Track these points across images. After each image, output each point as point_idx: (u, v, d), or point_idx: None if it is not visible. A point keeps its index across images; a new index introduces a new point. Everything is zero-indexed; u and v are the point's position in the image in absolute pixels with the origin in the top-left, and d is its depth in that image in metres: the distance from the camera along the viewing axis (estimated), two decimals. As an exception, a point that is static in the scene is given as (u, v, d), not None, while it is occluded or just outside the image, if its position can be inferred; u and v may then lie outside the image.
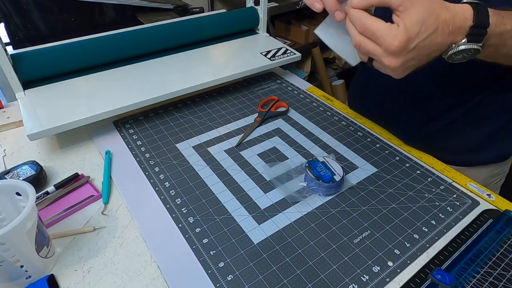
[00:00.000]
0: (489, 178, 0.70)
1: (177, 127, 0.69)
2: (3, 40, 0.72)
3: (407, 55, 0.37)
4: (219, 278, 0.44)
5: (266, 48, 0.86)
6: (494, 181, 0.71)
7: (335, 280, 0.44)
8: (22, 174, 0.55)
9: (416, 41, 0.37)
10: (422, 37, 0.37)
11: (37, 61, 0.69)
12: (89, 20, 1.57)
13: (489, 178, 0.70)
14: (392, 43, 0.36)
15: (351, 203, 0.54)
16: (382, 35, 0.37)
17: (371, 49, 0.39)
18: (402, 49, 0.37)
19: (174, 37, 0.83)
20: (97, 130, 0.67)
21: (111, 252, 0.47)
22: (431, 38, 0.37)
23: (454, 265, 0.45)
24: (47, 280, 0.43)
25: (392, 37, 0.36)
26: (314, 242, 0.48)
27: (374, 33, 0.38)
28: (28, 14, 1.44)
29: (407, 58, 0.38)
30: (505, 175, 0.72)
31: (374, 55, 0.40)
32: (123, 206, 0.54)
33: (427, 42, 0.37)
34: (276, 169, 0.59)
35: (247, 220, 0.51)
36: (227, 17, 0.91)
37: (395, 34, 0.36)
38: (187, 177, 0.58)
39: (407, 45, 0.37)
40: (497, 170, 0.70)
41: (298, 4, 1.78)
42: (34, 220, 0.40)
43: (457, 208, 0.54)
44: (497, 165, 0.69)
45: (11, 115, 0.71)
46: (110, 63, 0.76)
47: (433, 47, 0.38)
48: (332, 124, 0.70)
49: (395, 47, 0.37)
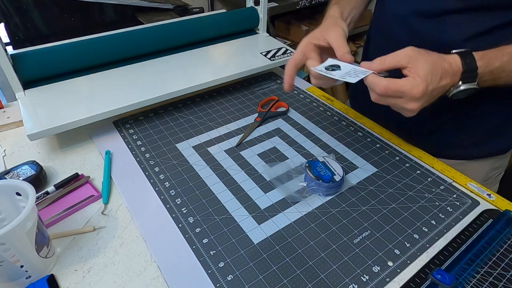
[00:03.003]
0: (491, 172, 0.71)
1: (177, 127, 0.69)
2: (3, 40, 0.72)
3: (425, 98, 0.45)
4: (219, 278, 0.44)
5: (266, 48, 0.86)
6: (495, 175, 0.72)
7: (335, 280, 0.44)
8: (22, 174, 0.55)
9: (431, 86, 0.45)
10: (434, 82, 0.45)
11: (37, 61, 0.69)
12: (89, 20, 1.57)
13: (491, 172, 0.71)
14: (416, 92, 0.44)
15: (351, 203, 0.54)
16: (407, 89, 0.45)
17: (393, 102, 0.47)
18: (424, 94, 0.45)
19: (174, 37, 0.83)
20: (97, 130, 0.67)
21: (111, 252, 0.47)
22: (440, 83, 0.46)
23: (454, 265, 0.45)
24: (47, 280, 0.43)
25: (416, 87, 0.44)
26: (314, 242, 0.48)
27: (398, 90, 0.45)
28: (28, 14, 1.44)
29: (424, 100, 0.46)
30: (505, 168, 0.73)
31: (395, 105, 0.47)
32: (123, 206, 0.54)
33: (437, 86, 0.46)
34: (276, 169, 0.59)
35: (247, 220, 0.51)
36: (227, 17, 0.91)
37: (416, 84, 0.44)
38: (187, 177, 0.58)
39: (427, 90, 0.45)
40: (499, 163, 0.71)
41: (298, 4, 1.78)
42: (34, 220, 0.40)
43: (457, 208, 0.54)
44: (499, 158, 0.70)
45: (11, 115, 0.71)
46: (110, 63, 0.76)
47: (440, 88, 0.47)
48: (332, 124, 0.70)
49: (419, 94, 0.44)
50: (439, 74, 0.46)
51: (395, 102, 0.47)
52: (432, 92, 0.46)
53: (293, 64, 0.55)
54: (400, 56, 0.47)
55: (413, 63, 0.45)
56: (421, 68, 0.45)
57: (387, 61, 0.47)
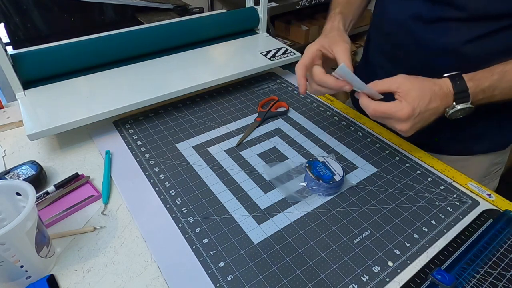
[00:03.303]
0: (491, 167, 0.72)
1: (177, 127, 0.69)
2: (3, 40, 0.72)
3: (413, 120, 0.49)
4: (219, 278, 0.44)
5: (266, 48, 0.86)
6: (495, 170, 0.73)
7: (335, 280, 0.44)
8: (22, 174, 0.55)
9: (419, 109, 0.49)
10: (422, 105, 0.49)
11: (37, 61, 0.69)
12: (89, 20, 1.58)
13: (491, 167, 0.72)
14: (402, 114, 0.49)
15: (351, 203, 0.54)
16: (393, 111, 0.49)
17: (385, 122, 0.52)
18: (410, 117, 0.49)
19: (174, 37, 0.83)
20: (97, 130, 0.67)
21: (111, 252, 0.47)
22: (429, 105, 0.49)
23: (454, 265, 0.45)
24: (47, 280, 0.43)
25: (401, 110, 0.49)
26: (314, 242, 0.48)
27: (385, 112, 0.50)
28: (28, 14, 1.44)
29: (414, 122, 0.50)
30: (504, 163, 0.74)
31: (387, 124, 0.52)
32: (123, 206, 0.54)
33: (425, 109, 0.49)
34: (276, 169, 0.59)
35: (247, 220, 0.51)
36: (227, 17, 0.91)
37: (402, 108, 0.49)
38: (187, 177, 0.58)
39: (413, 113, 0.48)
40: (499, 158, 0.72)
41: (298, 4, 1.78)
42: (34, 220, 0.40)
43: (457, 208, 0.54)
44: (499, 153, 0.71)
45: (11, 115, 0.71)
46: (110, 63, 0.76)
47: (431, 111, 0.50)
48: (332, 124, 0.70)
49: (404, 116, 0.48)
50: (427, 98, 0.49)
51: (386, 122, 0.52)
52: (421, 114, 0.49)
53: (303, 66, 0.56)
54: (391, 82, 0.51)
55: (402, 88, 0.49)
56: (409, 93, 0.49)
57: (378, 85, 0.51)
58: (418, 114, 0.49)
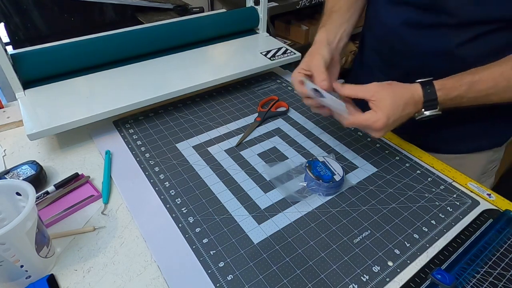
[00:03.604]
0: (488, 164, 0.72)
1: (177, 127, 0.69)
2: (3, 40, 0.72)
3: (388, 127, 0.52)
4: (219, 278, 0.44)
5: (266, 48, 0.86)
6: (492, 167, 0.74)
7: (335, 280, 0.44)
8: (22, 174, 0.55)
9: (392, 118, 0.51)
10: (396, 114, 0.51)
11: (37, 61, 0.69)
12: (89, 20, 1.57)
13: (488, 164, 0.72)
14: (378, 125, 0.51)
15: (351, 203, 0.54)
16: (370, 123, 0.51)
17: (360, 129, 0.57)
18: (385, 126, 0.51)
19: (174, 37, 0.83)
20: (97, 130, 0.67)
21: (111, 252, 0.47)
22: (401, 113, 0.52)
23: (454, 265, 0.45)
24: (47, 280, 0.43)
25: (377, 122, 0.51)
26: (314, 242, 0.48)
27: (362, 124, 0.53)
28: (28, 14, 1.44)
29: (388, 129, 0.53)
30: (500, 160, 0.75)
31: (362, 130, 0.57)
32: (123, 206, 0.54)
33: (398, 116, 0.52)
34: (276, 169, 0.59)
35: (247, 220, 0.51)
36: (227, 17, 0.91)
37: (377, 119, 0.51)
38: (187, 177, 0.58)
39: (388, 122, 0.51)
40: (495, 155, 0.72)
41: (298, 4, 1.77)
42: (34, 220, 0.40)
43: (457, 208, 0.54)
44: (495, 150, 0.71)
45: (11, 115, 0.71)
46: (110, 63, 0.76)
47: (404, 117, 0.53)
48: (332, 124, 0.70)
49: (380, 126, 0.51)
50: (401, 106, 0.52)
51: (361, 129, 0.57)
52: (395, 121, 0.52)
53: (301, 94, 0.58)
54: (365, 90, 0.53)
55: (376, 96, 0.51)
56: (383, 102, 0.51)
57: (353, 92, 0.54)
58: (392, 122, 0.52)
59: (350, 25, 0.67)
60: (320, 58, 0.57)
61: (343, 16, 0.66)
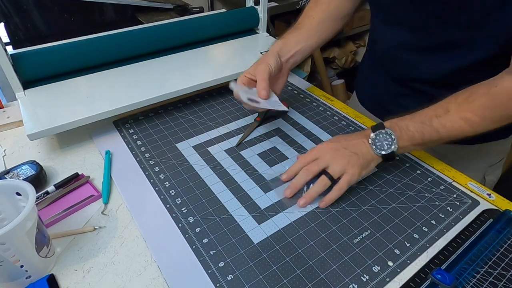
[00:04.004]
0: (495, 156, 0.73)
1: (177, 127, 0.69)
2: (3, 40, 0.72)
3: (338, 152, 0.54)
4: (219, 278, 0.44)
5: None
6: (498, 160, 0.74)
7: (335, 280, 0.44)
8: (22, 174, 0.55)
9: (335, 141, 0.56)
10: (337, 139, 0.57)
11: (37, 61, 0.69)
12: (89, 20, 1.57)
13: (495, 156, 0.73)
14: (321, 148, 0.55)
15: (351, 203, 0.54)
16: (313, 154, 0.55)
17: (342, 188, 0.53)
18: (330, 147, 0.54)
19: (174, 37, 0.83)
20: (97, 130, 0.67)
21: (111, 252, 0.47)
22: (345, 139, 0.56)
23: (454, 265, 0.45)
24: (47, 280, 0.43)
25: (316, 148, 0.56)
26: (314, 242, 0.48)
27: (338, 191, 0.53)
28: (28, 14, 1.44)
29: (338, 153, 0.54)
30: (507, 153, 0.75)
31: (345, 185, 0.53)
32: (123, 206, 0.54)
33: (343, 139, 0.56)
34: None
35: (247, 220, 0.51)
36: (227, 17, 0.91)
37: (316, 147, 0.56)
38: (187, 177, 0.58)
39: (331, 145, 0.55)
40: (502, 148, 0.72)
41: (298, 4, 1.77)
42: (34, 220, 0.40)
43: (457, 208, 0.54)
44: (501, 143, 0.71)
45: (11, 115, 0.71)
46: (110, 63, 0.76)
47: (352, 145, 0.55)
48: (332, 124, 0.70)
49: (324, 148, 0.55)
50: (340, 137, 0.56)
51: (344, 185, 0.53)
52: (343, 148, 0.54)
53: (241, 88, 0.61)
54: (312, 152, 0.55)
55: (321, 157, 0.54)
56: (332, 168, 0.53)
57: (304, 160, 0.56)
58: (338, 147, 0.53)
59: (307, 44, 0.68)
60: (266, 66, 0.59)
61: (303, 35, 0.68)
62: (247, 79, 0.61)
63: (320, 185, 0.53)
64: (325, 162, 0.53)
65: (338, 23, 0.70)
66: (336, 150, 0.53)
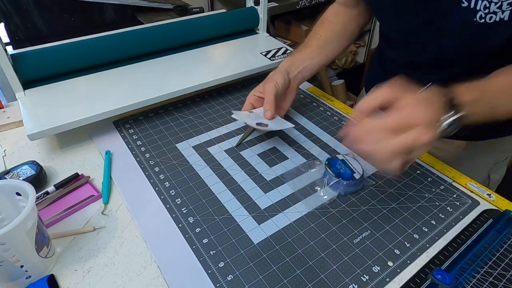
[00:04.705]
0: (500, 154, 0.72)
1: (177, 127, 0.69)
2: (3, 40, 0.72)
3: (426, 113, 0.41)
4: (219, 278, 0.44)
5: (266, 48, 0.86)
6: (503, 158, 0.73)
7: (335, 280, 0.44)
8: (22, 174, 0.55)
9: (420, 95, 0.42)
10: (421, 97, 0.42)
11: (37, 61, 0.69)
12: (89, 20, 1.57)
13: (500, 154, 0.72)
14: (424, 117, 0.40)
15: (351, 203, 0.54)
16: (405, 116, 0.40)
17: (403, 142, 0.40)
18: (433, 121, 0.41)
19: (174, 37, 0.83)
20: (97, 130, 0.67)
21: (111, 252, 0.47)
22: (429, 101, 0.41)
23: (454, 265, 0.45)
24: (47, 280, 0.43)
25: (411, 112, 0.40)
26: (314, 242, 0.48)
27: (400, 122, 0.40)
28: (28, 14, 1.44)
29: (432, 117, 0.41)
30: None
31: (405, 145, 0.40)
32: (123, 206, 0.54)
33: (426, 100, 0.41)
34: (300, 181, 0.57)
35: (247, 220, 0.51)
36: (227, 17, 0.91)
37: (404, 102, 0.40)
38: (187, 177, 0.58)
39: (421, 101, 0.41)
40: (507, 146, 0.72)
41: (298, 4, 1.77)
42: (34, 220, 0.40)
43: (457, 208, 0.54)
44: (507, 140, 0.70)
45: (11, 115, 0.71)
46: (110, 63, 0.76)
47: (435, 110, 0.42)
48: (332, 124, 0.70)
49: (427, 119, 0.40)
50: (423, 96, 0.42)
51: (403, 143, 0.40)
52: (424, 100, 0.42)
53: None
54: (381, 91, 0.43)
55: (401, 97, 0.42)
56: (403, 99, 0.41)
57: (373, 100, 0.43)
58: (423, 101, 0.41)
59: (315, 62, 0.70)
60: (273, 85, 0.61)
61: (310, 53, 0.70)
62: (255, 98, 0.64)
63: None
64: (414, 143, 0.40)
65: (344, 42, 0.73)
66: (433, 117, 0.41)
